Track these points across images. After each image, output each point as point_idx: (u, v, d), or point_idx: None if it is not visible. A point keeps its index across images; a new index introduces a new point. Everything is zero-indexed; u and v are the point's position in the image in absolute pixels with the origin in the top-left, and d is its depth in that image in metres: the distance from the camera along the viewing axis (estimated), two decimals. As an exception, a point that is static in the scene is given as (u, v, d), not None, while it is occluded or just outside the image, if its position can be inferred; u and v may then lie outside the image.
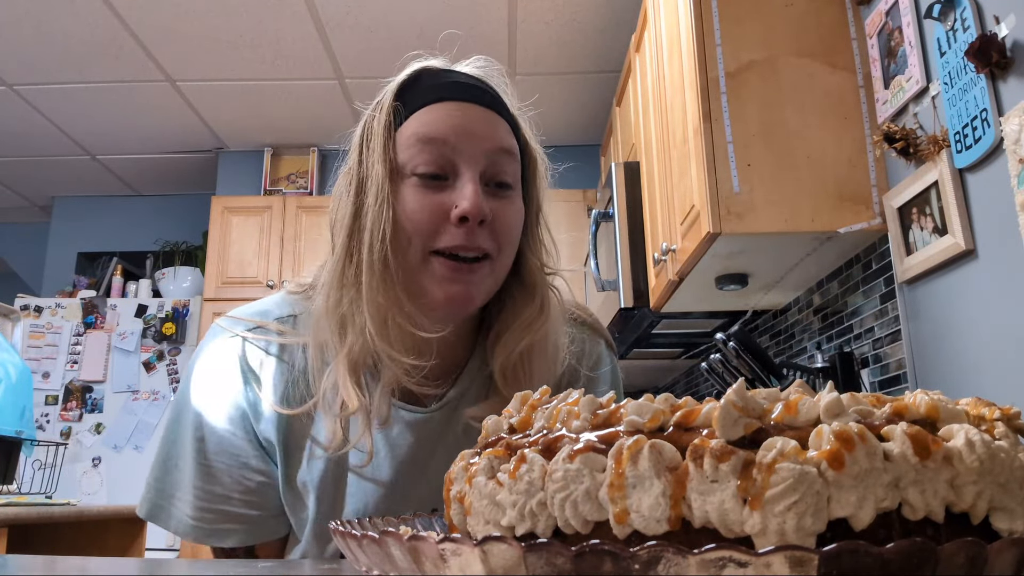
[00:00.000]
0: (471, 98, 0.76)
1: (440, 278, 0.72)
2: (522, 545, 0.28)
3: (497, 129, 0.76)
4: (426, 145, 0.73)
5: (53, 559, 0.87)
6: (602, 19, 3.19)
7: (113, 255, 4.64)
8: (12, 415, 2.09)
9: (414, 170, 0.73)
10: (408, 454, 0.79)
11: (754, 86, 1.86)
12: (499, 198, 0.74)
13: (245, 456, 0.79)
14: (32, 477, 2.41)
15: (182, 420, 0.81)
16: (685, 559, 0.25)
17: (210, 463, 0.79)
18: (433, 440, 0.80)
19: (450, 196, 0.72)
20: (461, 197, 0.71)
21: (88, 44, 3.34)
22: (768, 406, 0.33)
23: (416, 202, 0.72)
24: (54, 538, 2.20)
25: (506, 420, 0.42)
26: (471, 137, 0.73)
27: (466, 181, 0.72)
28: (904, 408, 0.33)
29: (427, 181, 0.73)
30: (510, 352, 0.78)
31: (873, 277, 1.88)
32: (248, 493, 0.79)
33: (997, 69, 1.38)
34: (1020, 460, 0.31)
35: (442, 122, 0.73)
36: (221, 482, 0.79)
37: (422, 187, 0.73)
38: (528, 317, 0.78)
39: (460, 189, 0.72)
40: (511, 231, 0.75)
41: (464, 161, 0.73)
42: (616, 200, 2.64)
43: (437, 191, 0.72)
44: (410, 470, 0.79)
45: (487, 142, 0.74)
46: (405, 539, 0.31)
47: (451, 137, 0.73)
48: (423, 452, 0.80)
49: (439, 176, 0.73)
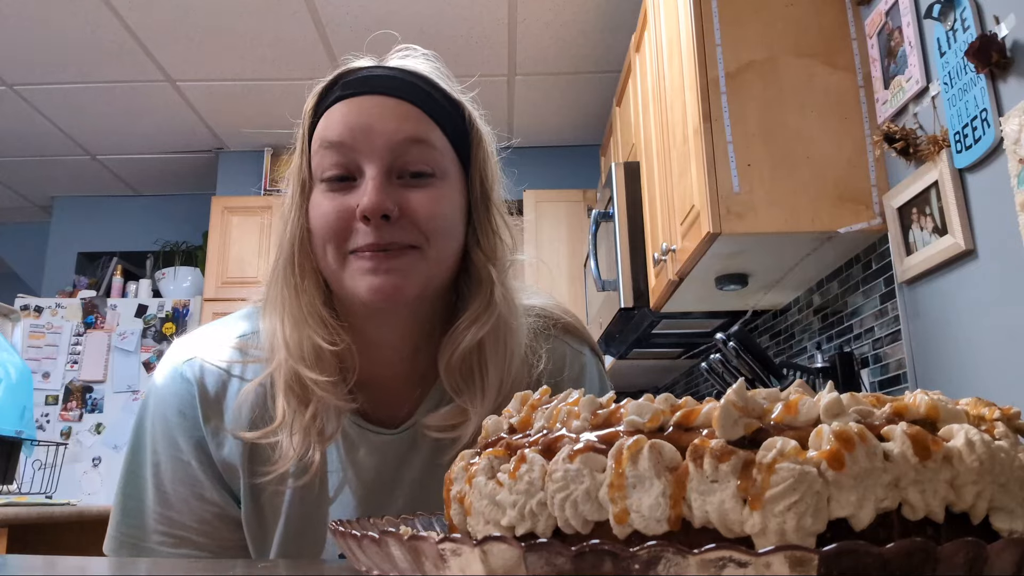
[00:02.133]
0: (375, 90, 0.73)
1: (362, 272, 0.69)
2: (522, 545, 0.28)
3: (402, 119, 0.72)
4: (327, 150, 0.71)
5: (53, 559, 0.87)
6: (602, 19, 3.19)
7: (113, 255, 4.64)
8: (12, 415, 2.09)
9: (322, 176, 0.72)
10: (375, 476, 0.77)
11: (754, 86, 1.86)
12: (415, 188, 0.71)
13: (200, 487, 0.77)
14: (32, 477, 2.41)
15: (140, 450, 0.79)
16: (685, 559, 0.25)
17: (167, 491, 0.77)
18: (399, 461, 0.78)
19: (355, 196, 0.70)
20: (362, 196, 0.69)
21: (88, 44, 3.34)
22: (768, 406, 0.33)
23: (324, 208, 0.71)
24: (54, 538, 2.20)
25: (506, 420, 0.42)
26: (369, 133, 0.70)
27: (367, 179, 0.70)
28: (904, 408, 0.33)
29: (334, 184, 0.71)
30: (452, 352, 0.73)
31: (873, 277, 1.88)
32: (205, 523, 0.77)
33: (997, 69, 1.38)
34: (1020, 460, 0.31)
35: (339, 123, 0.72)
36: (178, 509, 0.77)
37: (329, 191, 0.71)
38: (474, 311, 0.74)
39: (363, 187, 0.70)
40: (435, 219, 0.71)
41: (365, 158, 0.70)
42: (616, 200, 2.64)
43: (344, 193, 0.71)
44: (377, 492, 0.77)
45: (389, 135, 0.71)
46: (405, 539, 0.31)
47: (348, 137, 0.71)
48: (389, 473, 0.77)
49: (345, 178, 0.71)
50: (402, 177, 0.71)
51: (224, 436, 0.77)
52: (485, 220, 0.78)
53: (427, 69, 0.77)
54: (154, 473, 0.78)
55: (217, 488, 0.78)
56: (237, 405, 0.76)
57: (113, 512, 0.80)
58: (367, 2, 3.07)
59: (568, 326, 0.88)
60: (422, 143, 0.72)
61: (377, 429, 0.78)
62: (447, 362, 0.74)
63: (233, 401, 0.77)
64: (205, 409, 0.77)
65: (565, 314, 0.89)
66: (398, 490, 0.77)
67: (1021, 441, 0.33)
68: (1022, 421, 0.34)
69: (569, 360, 0.85)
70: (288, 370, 0.72)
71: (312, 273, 0.73)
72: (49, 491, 2.36)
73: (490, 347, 0.74)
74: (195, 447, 0.77)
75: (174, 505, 0.77)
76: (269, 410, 0.74)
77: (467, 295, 0.76)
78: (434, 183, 0.72)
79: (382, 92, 0.73)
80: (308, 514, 0.77)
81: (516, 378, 0.77)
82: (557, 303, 0.90)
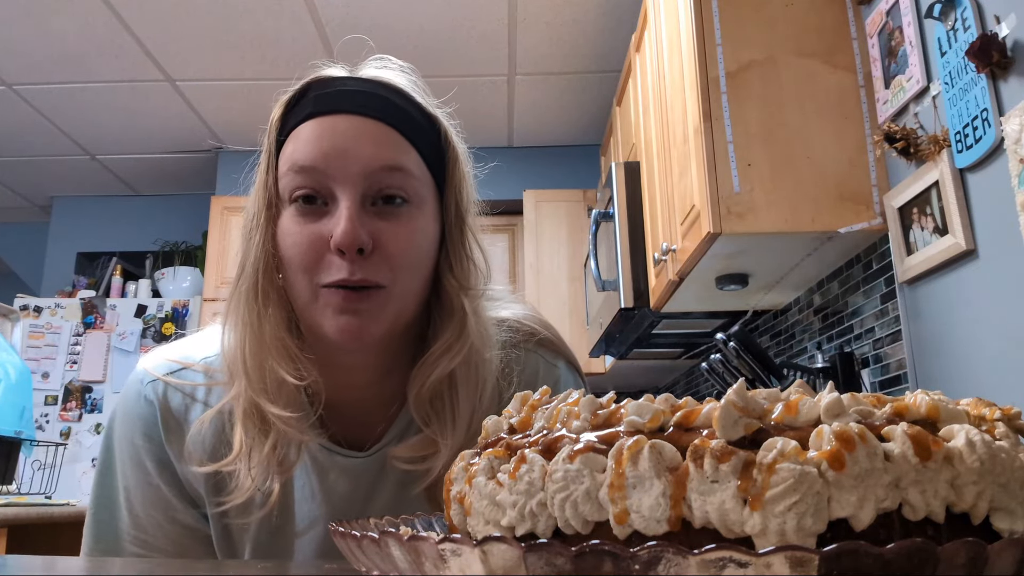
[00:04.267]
0: (351, 109, 0.69)
1: (330, 309, 0.65)
2: (522, 545, 0.28)
3: (379, 143, 0.68)
4: (298, 174, 0.67)
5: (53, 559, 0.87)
6: (602, 19, 3.19)
7: (113, 255, 4.64)
8: (11, 415, 2.09)
9: (291, 196, 0.68)
10: (345, 501, 0.75)
11: (754, 86, 1.86)
12: (388, 218, 0.67)
13: (172, 510, 0.76)
14: (32, 477, 2.41)
15: (109, 472, 0.78)
16: (685, 559, 0.25)
17: (138, 514, 0.76)
18: (370, 485, 0.75)
19: (327, 224, 0.66)
20: (335, 226, 0.64)
21: (88, 44, 3.34)
22: (768, 406, 0.33)
23: (295, 234, 0.67)
24: (54, 538, 2.20)
25: (506, 420, 0.42)
26: (344, 158, 0.66)
27: (341, 208, 0.65)
28: (904, 408, 0.33)
29: (304, 208, 0.67)
30: (423, 384, 0.70)
31: (874, 277, 1.88)
32: (179, 544, 0.76)
33: (998, 69, 1.38)
34: (1021, 460, 0.31)
35: (312, 145, 0.67)
36: (151, 533, 0.76)
37: (299, 216, 0.67)
38: (446, 342, 0.71)
39: (336, 216, 0.65)
40: (404, 255, 0.67)
41: (338, 185, 0.66)
42: (616, 200, 2.64)
43: (315, 219, 0.67)
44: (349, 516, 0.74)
45: (364, 161, 0.67)
46: (405, 539, 0.31)
47: (321, 162, 0.66)
48: (360, 497, 0.75)
49: (315, 200, 0.67)
50: (375, 204, 0.68)
51: (188, 456, 0.74)
52: (459, 245, 0.74)
53: (403, 82, 0.73)
54: (125, 497, 0.76)
55: (188, 510, 0.76)
56: (196, 432, 0.73)
57: (86, 532, 0.78)
58: (367, 2, 3.07)
59: (543, 340, 0.84)
60: (398, 170, 0.68)
61: (346, 452, 0.75)
62: (417, 393, 0.71)
63: (197, 423, 0.74)
64: (168, 433, 0.75)
65: (541, 327, 0.85)
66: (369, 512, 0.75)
67: (1022, 441, 0.32)
68: (1022, 421, 0.34)
69: (542, 374, 0.82)
70: (247, 399, 0.69)
71: (277, 299, 0.69)
72: (48, 491, 2.36)
73: (461, 378, 0.72)
74: (162, 470, 0.75)
75: (147, 528, 0.76)
76: (228, 438, 0.72)
77: (439, 323, 0.73)
78: (408, 212, 0.69)
79: (357, 111, 0.69)
80: (275, 542, 0.75)
81: (487, 406, 0.74)
82: (535, 315, 0.87)
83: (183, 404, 0.76)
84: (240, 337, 0.69)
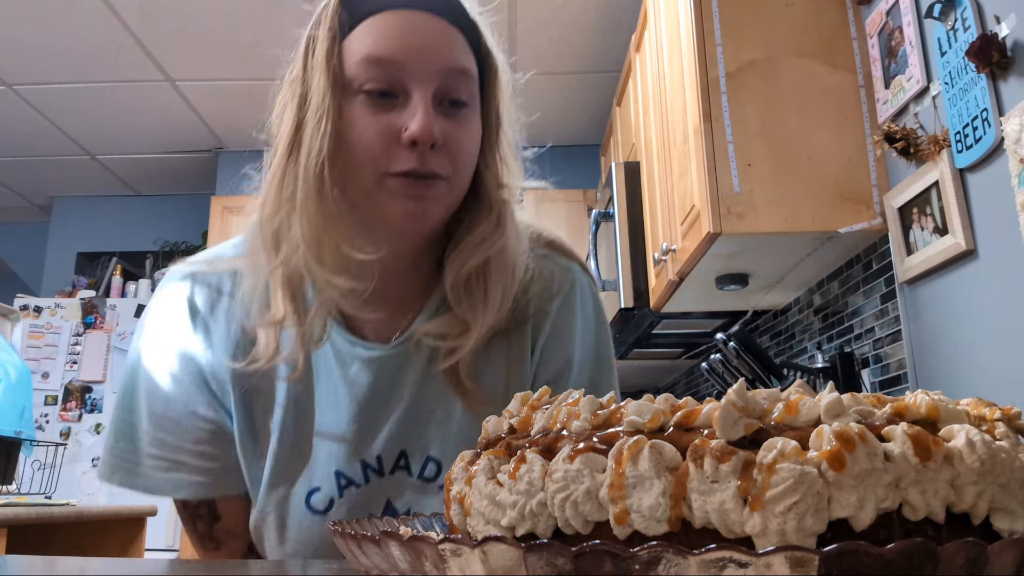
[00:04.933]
0: (426, 6, 0.70)
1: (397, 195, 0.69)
2: (522, 545, 0.28)
3: (452, 45, 0.71)
4: (373, 65, 0.68)
5: (53, 559, 0.87)
6: (602, 19, 3.19)
7: (113, 255, 4.64)
8: (11, 415, 2.09)
9: (361, 87, 0.69)
10: (368, 392, 0.77)
11: (754, 86, 1.86)
12: (453, 118, 0.71)
13: (194, 404, 0.78)
14: (32, 477, 2.41)
15: (134, 372, 0.80)
16: (685, 559, 0.25)
17: (161, 412, 0.78)
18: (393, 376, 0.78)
19: (400, 117, 0.68)
20: (411, 119, 0.67)
21: (88, 44, 3.34)
22: (768, 406, 0.33)
23: (365, 124, 0.69)
24: (54, 538, 2.20)
25: (506, 420, 0.42)
26: (422, 55, 0.69)
27: (417, 102, 0.68)
28: (905, 408, 0.33)
29: (376, 99, 0.69)
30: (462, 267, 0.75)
31: (873, 277, 1.88)
32: (201, 443, 0.78)
33: (998, 69, 1.38)
34: (1021, 460, 0.31)
35: (391, 40, 0.69)
36: (173, 431, 0.78)
37: (370, 106, 0.69)
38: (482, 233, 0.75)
39: (410, 110, 0.68)
40: (465, 152, 0.72)
41: (415, 81, 0.68)
42: (616, 200, 2.64)
43: (386, 111, 0.69)
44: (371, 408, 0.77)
45: (440, 61, 0.69)
46: (405, 539, 0.31)
47: (400, 57, 0.68)
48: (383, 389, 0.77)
49: (388, 94, 0.69)
50: (442, 104, 0.70)
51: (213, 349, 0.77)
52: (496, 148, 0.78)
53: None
54: (147, 394, 0.79)
55: (210, 403, 0.78)
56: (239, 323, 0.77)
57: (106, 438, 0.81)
58: (367, 2, 3.07)
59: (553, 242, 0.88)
60: (466, 73, 0.71)
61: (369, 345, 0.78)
62: (454, 277, 0.75)
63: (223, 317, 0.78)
64: (195, 323, 0.78)
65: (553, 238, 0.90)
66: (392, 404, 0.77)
67: (1022, 441, 0.32)
68: (1022, 421, 0.34)
69: (558, 279, 0.85)
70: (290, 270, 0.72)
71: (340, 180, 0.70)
72: (48, 491, 2.36)
73: (495, 265, 0.76)
74: (187, 363, 0.78)
75: (167, 426, 0.78)
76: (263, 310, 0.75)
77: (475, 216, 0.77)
78: (468, 114, 0.72)
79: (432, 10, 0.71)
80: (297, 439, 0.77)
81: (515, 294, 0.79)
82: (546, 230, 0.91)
83: (209, 296, 0.79)
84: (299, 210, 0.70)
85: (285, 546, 0.77)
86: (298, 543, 0.77)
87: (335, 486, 0.76)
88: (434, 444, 0.78)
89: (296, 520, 0.77)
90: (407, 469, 0.78)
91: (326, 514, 0.76)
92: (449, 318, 0.76)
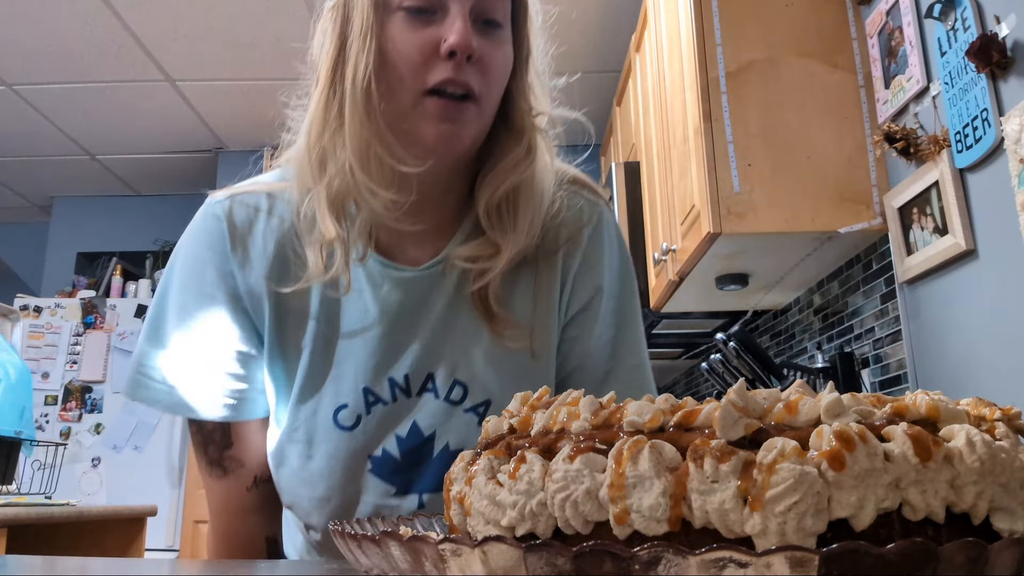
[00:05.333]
0: None
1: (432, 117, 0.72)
2: (522, 545, 0.28)
3: None
4: None
5: (53, 559, 0.87)
6: (602, 19, 3.19)
7: (113, 255, 4.64)
8: (11, 415, 2.09)
9: (401, 4, 0.72)
10: (397, 311, 0.79)
11: (754, 86, 1.86)
12: (487, 37, 0.73)
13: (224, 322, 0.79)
14: (32, 477, 2.41)
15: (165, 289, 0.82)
16: (685, 559, 0.25)
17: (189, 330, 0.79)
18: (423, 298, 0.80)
19: (438, 30, 0.71)
20: (450, 31, 0.70)
21: (88, 44, 3.34)
22: (768, 406, 0.33)
23: (404, 38, 0.72)
24: (54, 538, 2.20)
25: (506, 420, 0.42)
26: None
27: (455, 16, 0.71)
28: (904, 408, 0.33)
29: (415, 15, 0.72)
30: (495, 191, 0.78)
31: (873, 277, 1.88)
32: (228, 363, 0.80)
33: (998, 69, 1.38)
34: (1021, 460, 0.31)
35: None
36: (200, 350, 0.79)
37: (410, 21, 0.72)
38: (514, 158, 0.78)
39: (449, 24, 0.71)
40: (498, 71, 0.75)
41: None
42: (616, 200, 2.64)
43: (425, 25, 0.72)
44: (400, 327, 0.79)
45: None
46: (405, 539, 0.31)
47: None
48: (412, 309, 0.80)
49: (427, 11, 0.72)
50: (477, 22, 0.73)
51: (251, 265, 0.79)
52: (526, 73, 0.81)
53: None
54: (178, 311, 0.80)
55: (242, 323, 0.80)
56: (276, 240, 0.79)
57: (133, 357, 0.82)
58: (367, 2, 3.07)
59: (578, 178, 0.91)
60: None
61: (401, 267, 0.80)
62: (486, 201, 0.78)
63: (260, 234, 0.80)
64: (233, 240, 0.79)
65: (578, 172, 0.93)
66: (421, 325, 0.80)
67: (1022, 441, 0.32)
68: (1022, 421, 0.34)
69: (587, 212, 0.88)
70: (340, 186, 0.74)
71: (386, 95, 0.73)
72: (48, 491, 2.36)
73: (525, 191, 0.79)
74: (222, 279, 0.79)
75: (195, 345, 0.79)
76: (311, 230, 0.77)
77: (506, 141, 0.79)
78: (501, 35, 0.75)
79: None
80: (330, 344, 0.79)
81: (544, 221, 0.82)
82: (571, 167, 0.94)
83: (248, 214, 0.81)
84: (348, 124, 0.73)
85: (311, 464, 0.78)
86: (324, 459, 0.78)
87: (363, 403, 0.78)
88: (461, 368, 0.80)
89: (323, 435, 0.78)
90: (434, 391, 0.79)
91: (352, 431, 0.78)
92: (481, 241, 0.78)
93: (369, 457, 0.78)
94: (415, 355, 0.79)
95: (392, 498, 0.79)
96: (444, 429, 0.79)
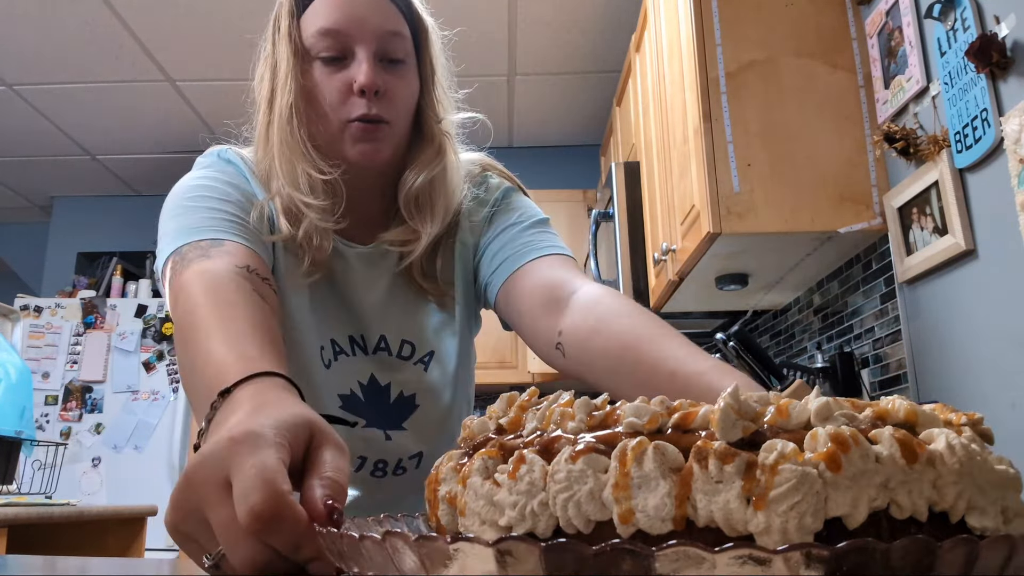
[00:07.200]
0: None
1: (355, 139, 0.88)
2: (541, 544, 0.28)
3: (386, 14, 0.90)
4: (324, 36, 0.88)
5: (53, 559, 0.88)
6: (602, 19, 3.19)
7: (113, 255, 4.64)
8: (12, 415, 2.09)
9: (318, 55, 0.89)
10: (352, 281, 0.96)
11: (754, 86, 1.87)
12: (391, 73, 0.89)
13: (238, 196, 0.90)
14: (32, 477, 2.41)
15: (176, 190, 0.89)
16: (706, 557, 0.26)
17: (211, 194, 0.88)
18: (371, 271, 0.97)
19: (350, 73, 0.88)
20: (358, 73, 0.86)
21: (88, 44, 3.34)
22: (760, 409, 0.34)
23: (324, 82, 0.88)
24: (54, 538, 2.20)
25: (493, 421, 0.42)
26: (362, 24, 0.88)
27: (361, 60, 0.87)
28: (885, 412, 0.34)
29: (329, 63, 0.89)
30: (412, 185, 0.93)
31: (873, 277, 1.89)
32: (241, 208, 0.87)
33: (997, 69, 1.38)
34: (990, 463, 0.33)
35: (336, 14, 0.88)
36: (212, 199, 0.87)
37: (326, 67, 0.89)
38: (426, 159, 0.94)
39: (356, 67, 0.87)
40: (404, 99, 0.91)
41: (358, 44, 0.88)
42: (616, 200, 2.64)
43: (340, 69, 0.88)
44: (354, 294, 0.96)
45: (377, 27, 0.88)
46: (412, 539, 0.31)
47: (344, 27, 0.88)
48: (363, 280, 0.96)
49: (339, 58, 0.88)
50: (382, 62, 0.89)
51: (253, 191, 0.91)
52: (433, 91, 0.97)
53: None
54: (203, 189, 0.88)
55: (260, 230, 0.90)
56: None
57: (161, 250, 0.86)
58: (367, 2, 3.07)
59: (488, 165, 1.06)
60: (399, 35, 0.90)
61: (355, 245, 0.97)
62: (405, 194, 0.94)
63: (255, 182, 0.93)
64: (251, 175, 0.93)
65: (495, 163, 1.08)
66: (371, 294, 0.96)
67: (986, 446, 0.34)
68: (985, 427, 0.36)
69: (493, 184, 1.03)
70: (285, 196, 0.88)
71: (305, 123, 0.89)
72: (49, 491, 2.36)
73: (438, 183, 0.95)
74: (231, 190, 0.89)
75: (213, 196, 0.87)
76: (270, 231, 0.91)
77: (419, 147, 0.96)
78: (405, 69, 0.91)
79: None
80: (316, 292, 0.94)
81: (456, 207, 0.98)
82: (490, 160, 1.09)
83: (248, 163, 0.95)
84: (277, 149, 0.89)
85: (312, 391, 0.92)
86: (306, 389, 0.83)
87: (331, 350, 0.95)
88: (407, 329, 0.98)
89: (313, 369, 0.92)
90: (387, 350, 0.97)
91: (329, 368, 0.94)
92: (404, 228, 0.94)
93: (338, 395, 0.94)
94: (368, 319, 0.96)
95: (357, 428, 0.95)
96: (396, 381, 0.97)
